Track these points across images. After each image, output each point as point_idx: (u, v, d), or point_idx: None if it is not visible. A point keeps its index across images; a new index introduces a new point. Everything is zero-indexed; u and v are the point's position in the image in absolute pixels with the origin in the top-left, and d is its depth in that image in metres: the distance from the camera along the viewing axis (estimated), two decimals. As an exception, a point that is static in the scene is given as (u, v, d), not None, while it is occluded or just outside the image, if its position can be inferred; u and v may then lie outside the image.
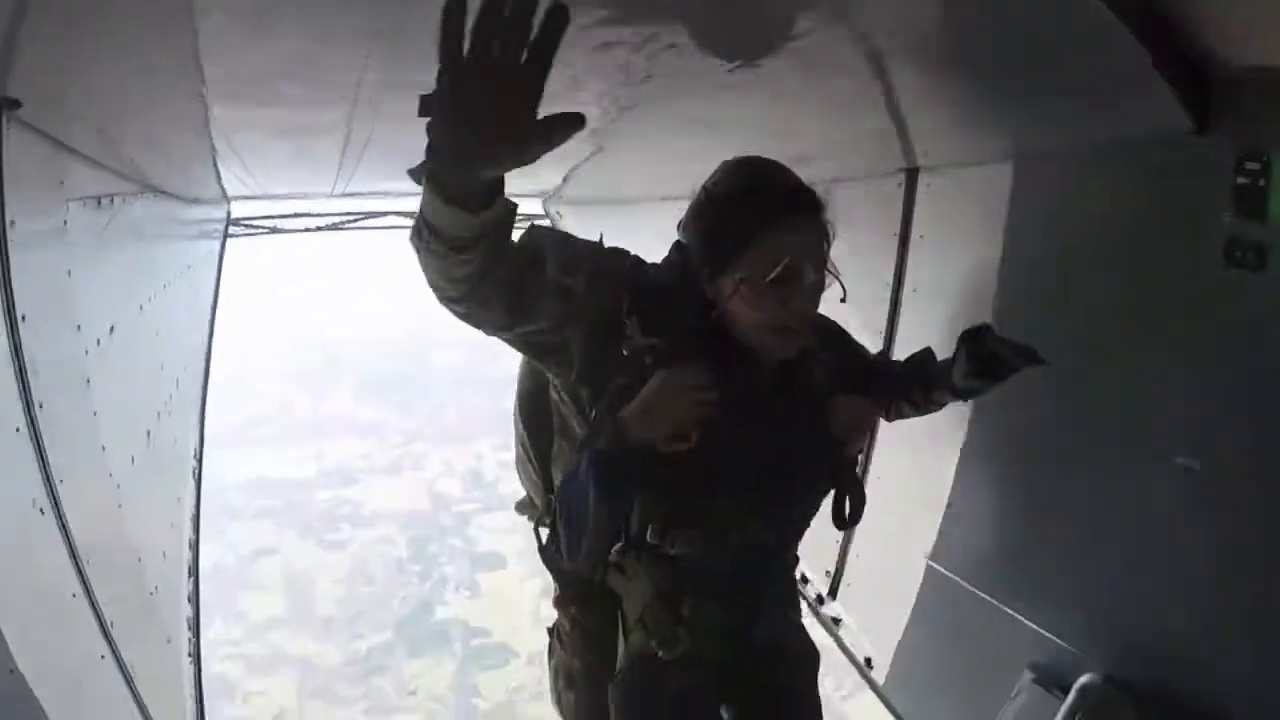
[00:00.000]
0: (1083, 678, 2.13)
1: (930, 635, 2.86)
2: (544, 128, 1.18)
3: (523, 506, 2.30)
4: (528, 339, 1.71)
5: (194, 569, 3.47)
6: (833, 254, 1.73)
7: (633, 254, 1.83)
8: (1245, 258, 1.69)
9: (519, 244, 1.58)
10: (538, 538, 2.18)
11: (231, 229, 6.15)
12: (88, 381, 2.07)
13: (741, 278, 1.67)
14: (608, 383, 1.70)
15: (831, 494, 1.96)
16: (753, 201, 1.69)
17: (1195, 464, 1.85)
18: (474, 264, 1.42)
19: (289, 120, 2.60)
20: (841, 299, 1.79)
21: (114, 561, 2.19)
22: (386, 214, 6.60)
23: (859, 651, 3.21)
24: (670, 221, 1.85)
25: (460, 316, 1.58)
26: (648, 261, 1.84)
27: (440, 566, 37.35)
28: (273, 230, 6.80)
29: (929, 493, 2.74)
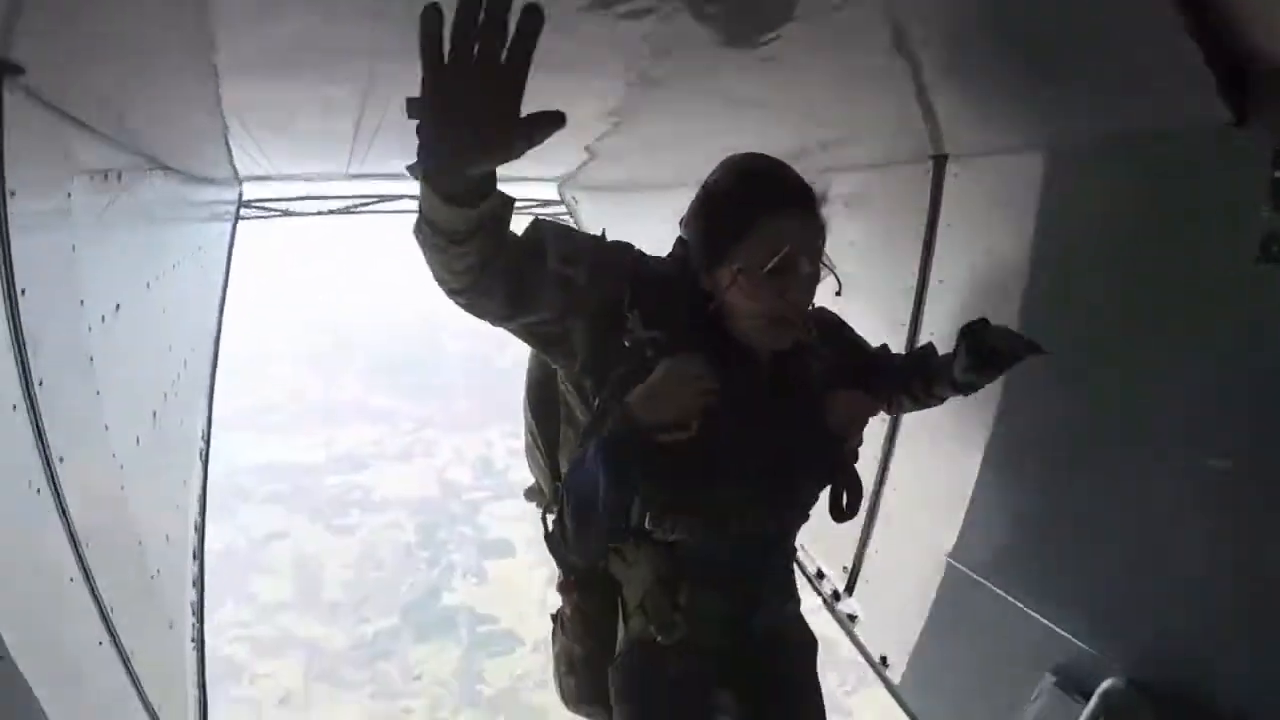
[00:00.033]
0: (1106, 682, 2.07)
1: (948, 635, 2.81)
2: (527, 125, 1.24)
3: (532, 494, 2.33)
4: (531, 330, 1.76)
5: (199, 553, 3.43)
6: (858, 241, 1.70)
7: (635, 247, 1.87)
8: (1282, 252, 1.64)
9: (521, 237, 1.63)
10: (545, 525, 2.20)
11: (243, 211, 6.15)
12: (91, 359, 2.02)
13: (739, 268, 1.69)
14: (610, 373, 1.73)
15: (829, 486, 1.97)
16: (750, 193, 1.73)
17: (1227, 464, 1.80)
18: (472, 255, 1.47)
19: (302, 98, 2.56)
20: (837, 292, 1.82)
21: (115, 545, 2.15)
22: (400, 197, 6.51)
23: (874, 649, 3.17)
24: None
25: (464, 308, 1.64)
26: (650, 255, 1.87)
27: (449, 553, 37.63)
28: (285, 213, 6.79)
29: (951, 489, 2.70)
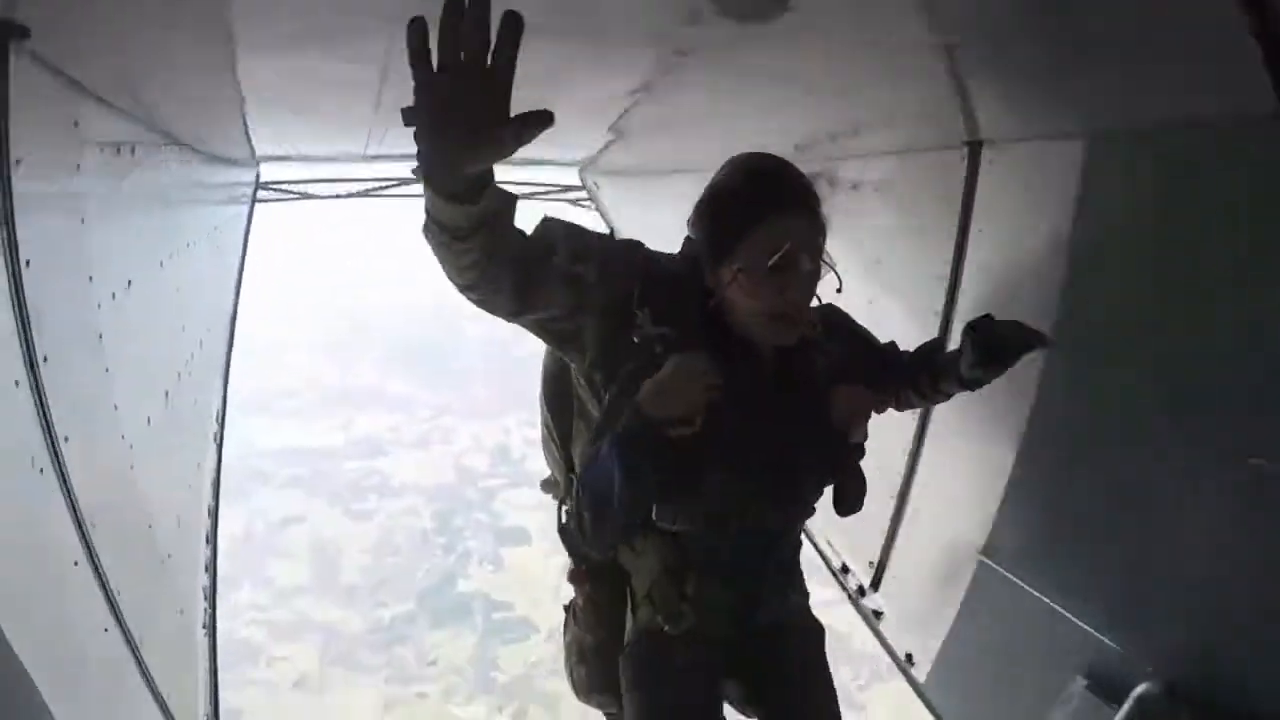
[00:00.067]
0: (1140, 687, 1.99)
1: (976, 633, 2.74)
2: (516, 125, 1.32)
3: (548, 485, 2.38)
4: (543, 325, 1.84)
5: (212, 537, 3.39)
6: (889, 228, 1.66)
7: (645, 246, 1.94)
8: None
9: (531, 235, 1.72)
10: (559, 516, 2.30)
11: (261, 193, 6.13)
12: (100, 337, 1.98)
13: (740, 266, 1.73)
14: (620, 368, 1.79)
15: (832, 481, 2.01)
16: (750, 192, 1.77)
17: (1268, 463, 1.73)
18: (477, 251, 1.56)
19: (319, 76, 2.51)
20: (838, 289, 1.84)
21: (123, 527, 2.11)
22: (418, 180, 6.48)
23: (899, 647, 3.12)
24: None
25: (476, 304, 1.72)
26: (660, 253, 1.93)
27: (465, 540, 37.95)
28: (302, 195, 6.76)
29: (983, 484, 2.63)
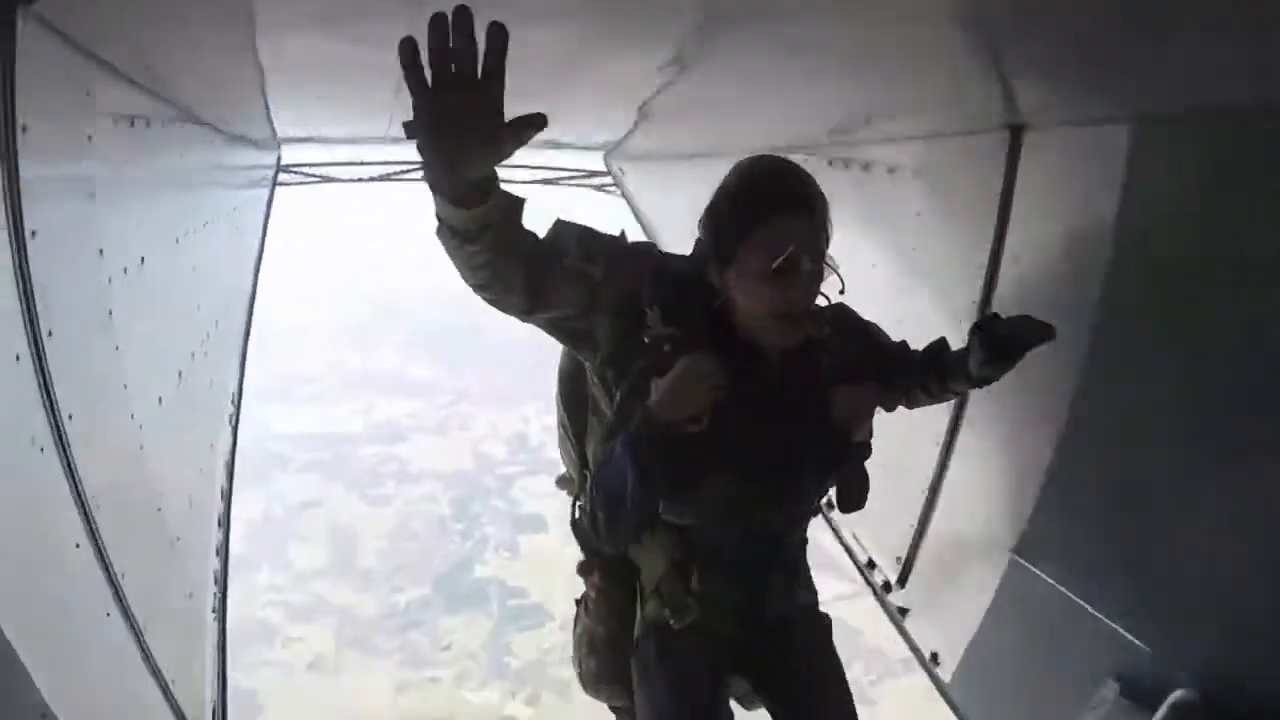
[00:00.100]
0: (1175, 693, 1.96)
1: (1006, 633, 2.69)
2: (512, 129, 1.43)
3: (563, 481, 2.42)
4: (556, 324, 1.91)
5: (225, 520, 3.34)
6: (924, 213, 1.59)
7: (657, 247, 2.02)
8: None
9: (544, 237, 1.81)
10: (573, 512, 2.34)
11: (283, 175, 6.12)
12: (110, 313, 1.93)
13: (743, 267, 1.76)
14: (631, 366, 1.83)
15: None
16: (753, 195, 1.78)
17: None
18: (487, 252, 1.65)
19: (339, 58, 2.47)
20: (840, 290, 1.86)
21: (130, 509, 2.06)
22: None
23: (925, 645, 3.08)
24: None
25: (490, 302, 1.80)
26: (672, 254, 1.99)
27: (482, 526, 38.14)
28: (324, 179, 6.73)
29: (1017, 480, 2.60)
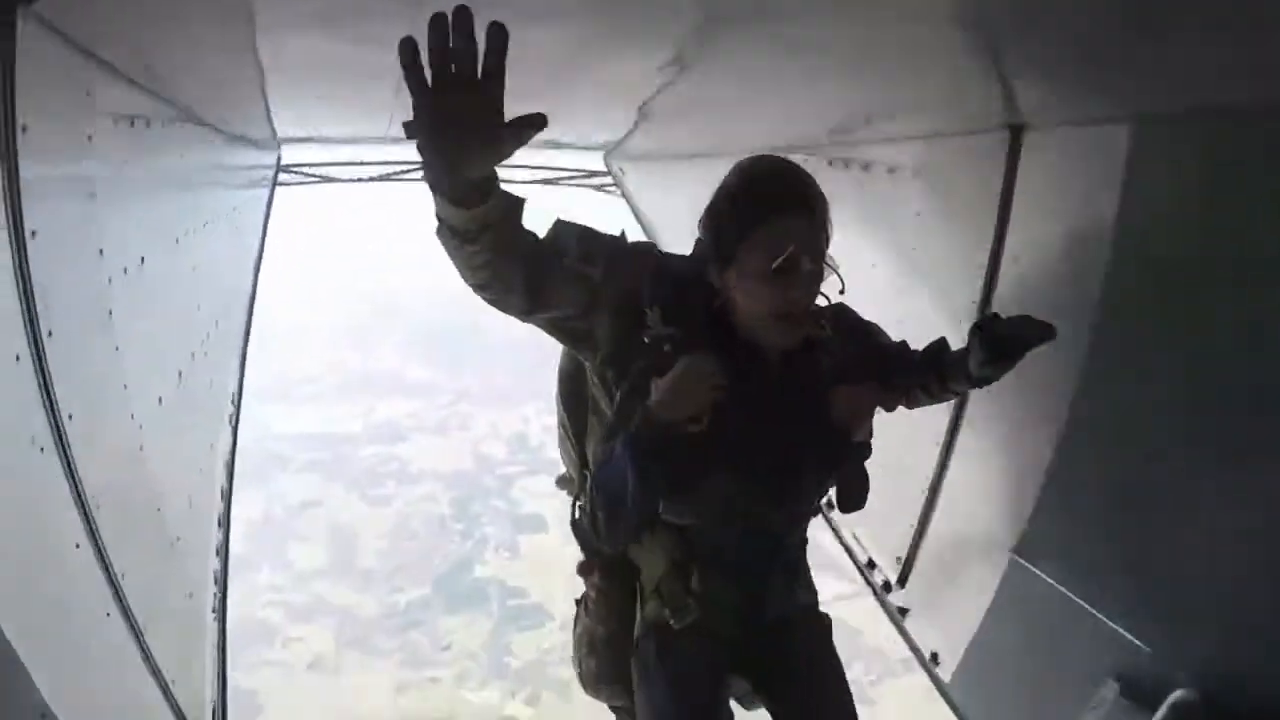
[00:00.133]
0: (1175, 694, 1.96)
1: (1006, 633, 2.69)
2: (512, 129, 1.43)
3: (563, 482, 2.42)
4: (555, 324, 1.91)
5: (225, 520, 3.34)
6: (924, 213, 1.59)
7: (657, 248, 2.02)
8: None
9: (544, 237, 1.81)
10: (572, 512, 2.34)
11: (283, 175, 6.13)
12: (110, 313, 1.93)
13: (743, 267, 1.76)
14: (630, 366, 1.83)
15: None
16: (752, 195, 1.78)
17: None
18: (486, 252, 1.66)
19: (339, 58, 2.46)
20: (840, 290, 1.86)
21: (130, 509, 2.06)
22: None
23: (925, 645, 3.08)
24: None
25: (490, 302, 1.80)
26: (673, 254, 1.99)
27: (482, 526, 38.13)
28: (324, 179, 6.74)
29: (1018, 480, 2.60)
